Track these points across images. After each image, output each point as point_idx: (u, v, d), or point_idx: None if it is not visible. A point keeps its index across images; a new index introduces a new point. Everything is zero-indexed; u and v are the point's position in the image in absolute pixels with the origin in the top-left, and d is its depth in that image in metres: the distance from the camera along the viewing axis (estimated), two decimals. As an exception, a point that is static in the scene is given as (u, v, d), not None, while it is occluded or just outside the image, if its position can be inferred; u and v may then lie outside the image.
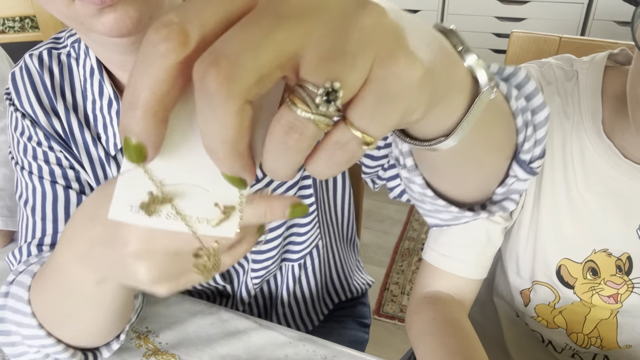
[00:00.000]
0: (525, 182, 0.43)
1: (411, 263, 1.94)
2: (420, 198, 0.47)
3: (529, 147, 0.41)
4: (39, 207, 0.59)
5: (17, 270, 0.53)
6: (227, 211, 0.27)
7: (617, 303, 0.63)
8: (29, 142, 0.60)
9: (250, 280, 0.72)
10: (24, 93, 0.60)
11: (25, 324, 0.48)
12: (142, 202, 0.26)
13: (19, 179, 0.61)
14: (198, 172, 0.26)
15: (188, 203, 0.27)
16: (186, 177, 0.26)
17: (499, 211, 0.46)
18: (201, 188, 0.27)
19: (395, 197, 0.59)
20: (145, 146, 0.22)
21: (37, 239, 0.59)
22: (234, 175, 0.23)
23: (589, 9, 2.30)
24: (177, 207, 0.27)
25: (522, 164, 0.41)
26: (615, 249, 0.61)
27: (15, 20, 2.03)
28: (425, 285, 0.66)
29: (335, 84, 0.20)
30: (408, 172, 0.45)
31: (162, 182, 0.26)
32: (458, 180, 0.43)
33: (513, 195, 0.45)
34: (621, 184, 0.58)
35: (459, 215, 0.46)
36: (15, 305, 0.49)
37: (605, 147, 0.58)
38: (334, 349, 0.59)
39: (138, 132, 0.22)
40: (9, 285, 0.52)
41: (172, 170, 0.26)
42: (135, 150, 0.23)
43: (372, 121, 0.22)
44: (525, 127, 0.40)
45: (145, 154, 0.23)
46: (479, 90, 0.32)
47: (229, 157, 0.22)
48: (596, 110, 0.59)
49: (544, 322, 0.70)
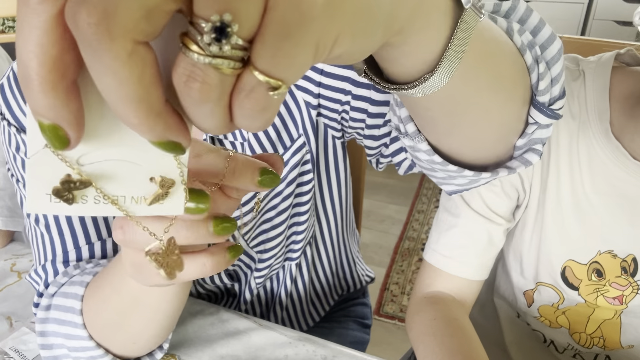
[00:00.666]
0: (549, 128, 0.39)
1: (411, 263, 1.94)
2: (430, 166, 0.43)
3: (545, 87, 0.36)
4: (52, 223, 0.56)
5: (57, 282, 0.52)
6: (165, 183, 0.24)
7: (622, 304, 0.63)
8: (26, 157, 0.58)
9: (254, 280, 0.72)
10: (15, 104, 0.57)
11: (75, 335, 0.47)
12: (53, 188, 0.22)
13: (23, 197, 0.59)
14: (124, 144, 0.22)
15: (118, 182, 0.23)
16: (110, 152, 0.22)
17: (521, 166, 0.41)
18: (130, 163, 0.23)
19: (405, 171, 0.55)
20: (61, 126, 0.19)
21: (61, 256, 0.56)
22: (161, 140, 0.20)
23: (589, 8, 2.30)
24: (101, 189, 0.23)
25: (542, 107, 0.37)
26: (620, 250, 0.61)
27: (15, 20, 2.03)
28: (426, 286, 0.66)
29: (226, 17, 0.17)
30: (411, 139, 0.41)
31: (79, 162, 0.22)
32: (467, 135, 0.38)
33: (536, 146, 0.40)
34: (628, 185, 0.58)
35: (475, 179, 0.42)
36: (62, 316, 0.48)
37: (612, 148, 0.58)
38: (334, 349, 0.59)
39: (44, 111, 0.18)
40: (50, 298, 0.51)
41: (91, 145, 0.22)
42: (52, 134, 0.19)
43: (274, 61, 0.18)
44: (536, 64, 0.36)
45: (65, 135, 0.19)
46: None
47: (144, 118, 0.18)
48: (604, 110, 0.58)
49: (547, 322, 0.70)
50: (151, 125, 0.19)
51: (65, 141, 0.19)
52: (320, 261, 0.77)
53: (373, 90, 0.53)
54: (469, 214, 0.63)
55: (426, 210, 2.25)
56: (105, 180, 0.23)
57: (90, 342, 0.47)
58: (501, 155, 0.41)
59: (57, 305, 0.49)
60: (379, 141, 0.55)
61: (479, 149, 0.39)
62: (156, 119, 0.18)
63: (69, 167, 0.22)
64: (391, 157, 0.55)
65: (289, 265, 0.73)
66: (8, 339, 0.60)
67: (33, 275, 0.57)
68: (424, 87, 0.29)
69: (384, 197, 2.34)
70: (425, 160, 0.42)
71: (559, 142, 0.60)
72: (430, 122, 0.37)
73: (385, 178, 2.48)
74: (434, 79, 0.29)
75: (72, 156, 0.22)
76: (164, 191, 0.24)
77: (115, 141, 0.22)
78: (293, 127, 0.60)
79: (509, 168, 0.41)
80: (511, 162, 0.41)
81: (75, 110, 0.19)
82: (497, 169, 0.41)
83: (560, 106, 0.38)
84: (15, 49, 0.18)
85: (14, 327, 0.63)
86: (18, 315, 0.65)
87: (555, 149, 0.60)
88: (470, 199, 0.63)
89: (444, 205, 0.67)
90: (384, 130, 0.54)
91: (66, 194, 0.23)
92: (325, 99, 0.57)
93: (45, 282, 0.55)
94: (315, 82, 0.57)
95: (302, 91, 0.58)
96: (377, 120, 0.54)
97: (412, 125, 0.40)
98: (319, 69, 0.56)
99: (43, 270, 0.56)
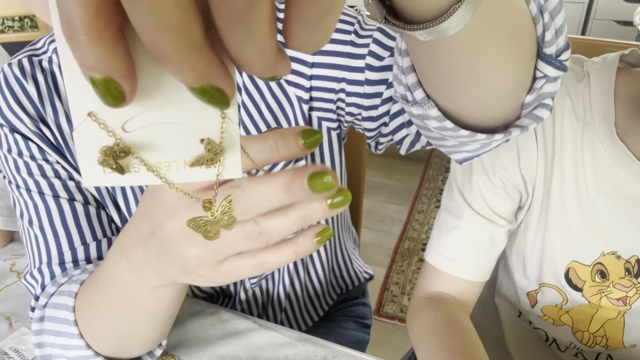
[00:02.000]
0: (557, 82, 0.39)
1: (411, 263, 1.94)
2: (440, 134, 0.42)
3: (551, 38, 0.36)
4: (47, 225, 0.56)
5: (47, 292, 0.52)
6: (212, 147, 0.22)
7: (626, 305, 0.62)
8: (19, 158, 0.57)
9: (248, 280, 0.71)
10: (5, 105, 0.57)
11: (72, 345, 0.47)
12: (98, 159, 0.22)
13: (16, 199, 0.58)
14: (169, 105, 0.21)
15: (164, 148, 0.22)
16: (155, 115, 0.21)
17: (532, 123, 0.40)
18: (176, 125, 0.22)
19: (407, 149, 0.54)
20: (114, 79, 0.18)
21: (56, 258, 0.56)
22: (203, 83, 0.18)
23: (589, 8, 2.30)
24: (140, 157, 0.22)
25: (549, 59, 0.37)
26: (624, 252, 0.61)
27: (14, 19, 2.03)
28: (428, 286, 0.66)
29: None
30: (420, 106, 0.40)
31: (125, 129, 0.21)
32: (482, 87, 0.37)
33: (546, 101, 0.40)
34: (632, 187, 0.58)
35: (487, 142, 0.41)
36: (57, 328, 0.48)
37: (617, 150, 0.57)
38: (334, 349, 0.59)
39: (94, 63, 0.17)
40: (42, 309, 0.51)
41: (136, 109, 0.21)
42: (105, 89, 0.18)
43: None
44: (541, 15, 0.36)
45: (119, 89, 0.18)
46: None
47: (184, 51, 0.17)
48: (608, 112, 0.58)
49: (550, 321, 0.69)
50: (192, 62, 0.17)
51: (120, 96, 0.18)
52: (312, 259, 0.77)
53: (368, 71, 0.52)
54: (470, 215, 0.63)
55: (426, 210, 2.25)
56: (150, 146, 0.22)
57: (88, 351, 0.47)
58: (509, 114, 0.40)
59: (50, 317, 0.49)
60: (378, 121, 0.54)
61: (492, 104, 0.39)
62: (197, 54, 0.17)
63: (111, 136, 0.21)
64: (391, 135, 0.54)
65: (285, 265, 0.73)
66: (7, 339, 0.60)
67: (29, 278, 0.56)
68: (456, 18, 0.28)
69: (384, 197, 2.34)
70: (435, 129, 0.41)
71: (563, 143, 0.59)
72: (448, 73, 0.36)
73: (385, 178, 2.48)
74: (465, 7, 0.28)
75: (116, 122, 0.21)
76: (209, 155, 0.22)
77: (160, 103, 0.21)
78: (285, 124, 0.59)
79: (520, 127, 0.40)
80: (522, 120, 0.41)
81: (126, 60, 0.18)
82: (509, 128, 0.40)
83: (567, 57, 0.38)
84: (57, 5, 0.17)
85: (14, 327, 0.63)
86: (18, 315, 0.65)
87: (560, 151, 0.60)
88: (472, 200, 0.63)
89: (445, 206, 0.66)
90: (382, 110, 0.53)
91: (112, 164, 0.22)
92: (319, 90, 0.57)
93: (42, 284, 0.55)
94: (307, 76, 0.56)
95: (293, 86, 0.57)
96: (374, 100, 0.53)
97: (421, 92, 0.39)
98: (310, 63, 0.55)
99: (39, 272, 0.55)
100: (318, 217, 0.30)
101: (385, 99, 0.52)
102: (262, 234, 0.30)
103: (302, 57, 0.56)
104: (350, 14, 0.55)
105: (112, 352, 0.49)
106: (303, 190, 0.28)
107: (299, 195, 0.28)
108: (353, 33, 0.53)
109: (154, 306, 0.43)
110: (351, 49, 0.53)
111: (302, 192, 0.28)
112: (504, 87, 0.37)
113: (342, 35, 0.54)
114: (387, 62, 0.51)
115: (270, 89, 0.58)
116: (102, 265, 0.44)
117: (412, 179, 2.48)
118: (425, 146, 0.52)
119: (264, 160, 0.30)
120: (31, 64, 0.58)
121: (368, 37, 0.52)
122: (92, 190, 0.59)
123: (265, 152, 0.29)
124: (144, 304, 0.42)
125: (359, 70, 0.53)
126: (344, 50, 0.53)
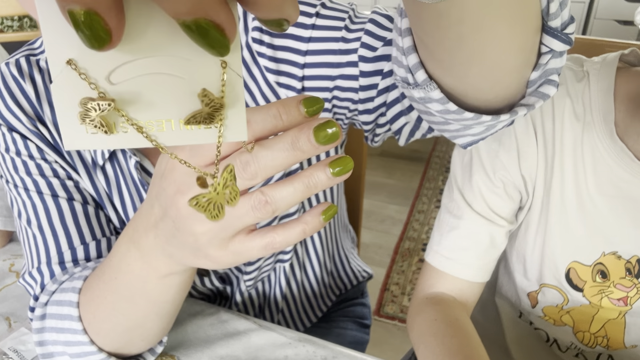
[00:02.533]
0: (562, 57, 0.38)
1: (412, 263, 1.94)
2: (443, 119, 0.41)
3: (555, 10, 0.35)
4: (45, 224, 0.56)
5: (48, 290, 0.52)
6: (211, 101, 0.19)
7: (627, 306, 0.62)
8: (17, 157, 0.56)
9: (244, 283, 0.71)
10: (3, 104, 0.57)
11: (75, 342, 0.47)
12: (78, 114, 0.18)
13: (14, 198, 0.57)
14: (161, 51, 0.18)
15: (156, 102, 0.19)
16: (146, 64, 0.18)
17: (539, 101, 0.39)
18: (170, 75, 0.19)
19: (406, 140, 0.53)
20: (99, 13, 0.15)
21: (56, 257, 0.55)
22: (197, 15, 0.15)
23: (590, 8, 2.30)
24: (128, 114, 0.19)
25: (555, 32, 0.36)
26: (625, 252, 0.61)
27: (13, 19, 2.03)
28: (428, 287, 0.66)
29: None
30: (422, 89, 0.39)
31: (110, 80, 0.18)
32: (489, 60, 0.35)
33: (552, 77, 0.39)
34: (633, 187, 0.58)
35: (493, 123, 0.39)
36: (60, 324, 0.48)
37: (617, 150, 0.57)
38: (333, 350, 0.58)
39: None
40: (43, 307, 0.51)
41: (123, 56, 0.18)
42: (89, 26, 0.15)
43: None
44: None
45: (105, 27, 0.15)
46: None
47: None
48: (608, 111, 0.58)
49: (551, 321, 0.69)
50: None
51: (106, 35, 0.16)
52: (309, 259, 0.76)
53: (361, 62, 0.51)
54: (471, 216, 0.63)
55: (427, 211, 2.24)
56: (140, 101, 0.19)
57: (92, 347, 0.47)
58: (515, 92, 0.39)
59: (52, 314, 0.49)
60: (375, 112, 0.53)
61: (498, 80, 0.37)
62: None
63: (94, 88, 0.18)
64: (389, 125, 0.53)
65: (281, 267, 0.73)
66: (7, 339, 0.60)
67: (27, 278, 0.56)
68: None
69: (384, 197, 2.34)
70: (438, 112, 0.40)
71: (563, 143, 0.59)
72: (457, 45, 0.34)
73: (385, 178, 2.48)
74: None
75: (100, 72, 0.18)
76: (208, 110, 0.19)
77: (150, 48, 0.18)
78: None
79: (527, 105, 0.39)
80: (527, 99, 0.39)
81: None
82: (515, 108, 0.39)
83: (573, 30, 0.37)
84: None
85: (13, 328, 0.63)
86: (17, 315, 0.65)
87: (560, 150, 0.60)
88: (473, 201, 0.63)
89: (445, 207, 0.66)
90: (378, 101, 0.52)
91: (95, 120, 0.18)
92: (312, 91, 0.56)
93: (41, 284, 0.55)
94: (298, 78, 0.55)
95: (284, 88, 0.57)
96: (370, 92, 0.52)
97: (423, 72, 0.38)
98: (301, 64, 0.55)
99: (38, 272, 0.55)
100: (323, 186, 0.30)
101: (381, 90, 0.51)
102: (268, 203, 0.30)
103: (294, 59, 0.55)
104: (341, 9, 0.54)
105: (115, 347, 0.49)
106: (309, 143, 0.28)
107: (306, 149, 0.28)
108: (344, 29, 0.52)
109: (162, 296, 0.43)
110: (343, 45, 0.52)
111: (308, 145, 0.28)
112: (512, 61, 0.36)
113: (333, 33, 0.53)
114: (381, 52, 0.50)
115: (261, 91, 0.57)
116: (109, 258, 0.45)
117: (413, 179, 2.48)
118: (426, 134, 0.51)
119: (268, 130, 0.29)
120: (29, 64, 0.58)
121: (359, 30, 0.51)
122: (90, 190, 0.59)
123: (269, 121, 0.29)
124: (152, 294, 0.43)
125: (353, 64, 0.52)
126: (335, 47, 0.53)
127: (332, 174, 0.30)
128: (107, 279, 0.44)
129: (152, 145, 0.20)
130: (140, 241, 0.39)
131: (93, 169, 0.59)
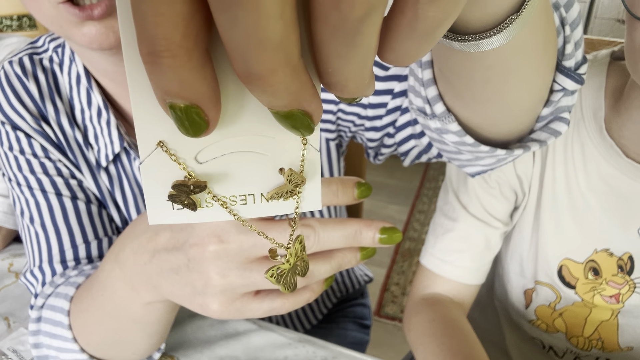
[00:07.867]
0: (574, 95, 0.38)
1: (412, 264, 1.94)
2: (456, 149, 0.41)
3: (571, 51, 0.35)
4: (48, 222, 0.55)
5: (44, 293, 0.52)
6: (294, 178, 0.20)
7: (619, 303, 0.62)
8: (21, 155, 0.56)
9: None
10: (7, 102, 0.56)
11: (66, 349, 0.47)
12: (168, 195, 0.19)
13: (16, 196, 0.57)
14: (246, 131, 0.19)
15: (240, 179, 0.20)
16: (231, 143, 0.19)
17: (550, 137, 0.39)
18: (254, 153, 0.19)
19: (411, 161, 0.53)
20: (198, 106, 0.16)
21: (58, 256, 0.55)
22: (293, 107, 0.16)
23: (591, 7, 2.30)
24: (214, 192, 0.20)
25: (569, 72, 0.36)
26: (616, 249, 0.61)
27: (12, 18, 2.03)
28: (424, 288, 0.66)
29: None
30: (439, 120, 0.38)
31: (197, 159, 0.19)
32: (509, 100, 0.35)
33: (563, 114, 0.39)
34: (622, 184, 0.58)
35: (505, 157, 0.40)
36: (52, 330, 0.48)
37: (606, 146, 0.58)
38: (333, 350, 0.58)
39: (178, 89, 0.15)
40: (39, 310, 0.51)
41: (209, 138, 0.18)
42: (187, 118, 0.16)
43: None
44: (562, 27, 0.35)
45: (203, 117, 0.16)
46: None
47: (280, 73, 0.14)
48: (598, 108, 0.58)
49: (543, 326, 0.69)
50: (287, 84, 0.15)
51: (203, 124, 0.16)
52: None
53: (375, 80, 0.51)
54: (466, 218, 0.63)
55: (427, 211, 2.24)
56: (225, 178, 0.20)
57: (82, 355, 0.47)
58: (526, 128, 0.40)
59: (47, 319, 0.49)
60: (382, 131, 0.53)
61: (514, 118, 0.37)
62: (293, 74, 0.15)
63: (183, 168, 0.19)
64: (397, 146, 0.53)
65: None
66: (6, 339, 0.60)
67: (29, 276, 0.56)
68: (510, 29, 0.26)
69: (384, 197, 2.34)
70: (452, 143, 0.40)
71: (555, 140, 0.60)
72: (481, 87, 0.34)
73: (385, 178, 2.48)
74: (522, 18, 0.26)
75: (189, 153, 0.19)
76: (290, 187, 0.20)
77: (238, 129, 0.18)
78: None
79: (539, 141, 0.39)
80: (539, 134, 0.39)
81: (214, 84, 0.16)
82: (527, 143, 0.39)
83: (585, 71, 0.37)
84: (134, 20, 0.14)
85: (12, 328, 0.63)
86: (16, 315, 0.65)
87: (552, 148, 0.60)
88: (468, 203, 0.63)
89: (441, 209, 0.66)
90: (386, 120, 0.52)
91: (185, 200, 0.19)
92: None
93: (42, 282, 0.55)
94: None
95: None
96: (379, 110, 0.52)
97: (442, 105, 0.38)
98: None
99: (40, 270, 0.55)
100: (349, 266, 0.33)
101: (391, 109, 0.51)
102: (307, 276, 0.31)
103: None
104: None
105: (107, 357, 0.48)
106: (372, 241, 0.30)
107: (365, 244, 0.31)
108: None
109: (148, 317, 0.42)
110: None
111: (370, 242, 0.30)
112: (529, 100, 0.36)
113: None
114: (393, 71, 0.50)
115: None
116: (97, 272, 0.44)
117: (413, 179, 2.48)
118: (433, 159, 0.51)
119: (324, 204, 0.30)
120: (32, 63, 0.58)
121: None
122: (94, 189, 0.59)
123: (328, 196, 0.30)
124: (137, 316, 0.42)
125: None
126: None
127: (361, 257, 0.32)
128: (94, 294, 0.44)
129: (234, 219, 0.21)
130: (126, 263, 0.38)
131: (97, 169, 0.59)
